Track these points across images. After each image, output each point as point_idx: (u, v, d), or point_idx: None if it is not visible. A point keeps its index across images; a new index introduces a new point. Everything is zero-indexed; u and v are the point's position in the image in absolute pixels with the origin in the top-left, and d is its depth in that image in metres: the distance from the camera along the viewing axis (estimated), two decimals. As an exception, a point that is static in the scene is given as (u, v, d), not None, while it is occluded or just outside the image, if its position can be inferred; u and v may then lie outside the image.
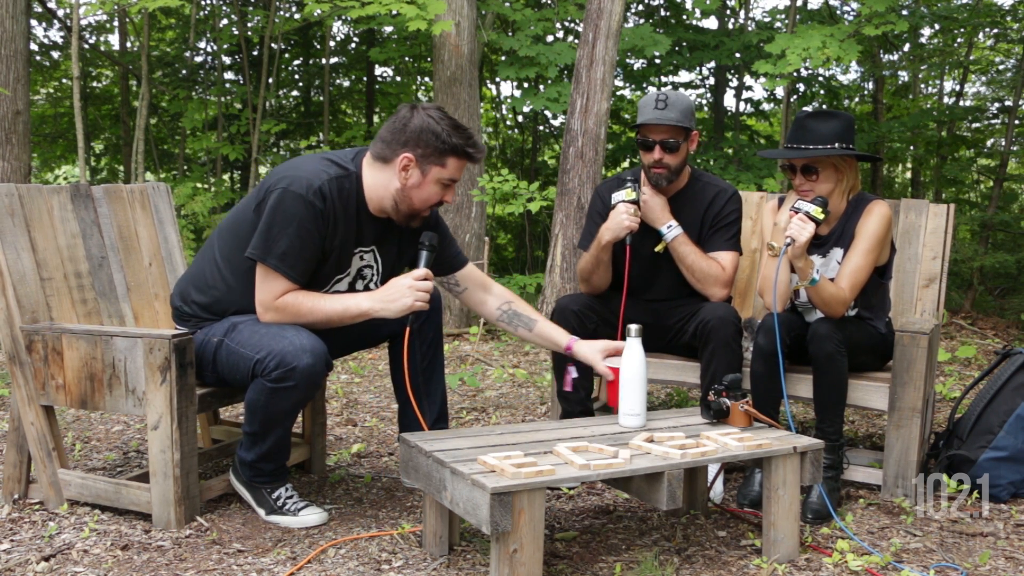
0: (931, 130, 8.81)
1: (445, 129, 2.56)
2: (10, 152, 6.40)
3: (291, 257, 2.55)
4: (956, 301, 7.45)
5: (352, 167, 2.64)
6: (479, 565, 2.43)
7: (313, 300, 2.60)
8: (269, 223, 2.54)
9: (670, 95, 3.10)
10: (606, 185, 3.39)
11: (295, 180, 2.54)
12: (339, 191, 2.58)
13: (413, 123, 2.57)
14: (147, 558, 2.46)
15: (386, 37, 9.62)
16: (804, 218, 2.80)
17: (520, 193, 6.29)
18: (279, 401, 2.55)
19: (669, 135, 3.09)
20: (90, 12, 7.02)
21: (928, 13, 7.75)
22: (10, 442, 2.87)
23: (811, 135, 2.93)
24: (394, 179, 2.60)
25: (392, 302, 2.59)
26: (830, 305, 2.90)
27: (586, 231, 3.35)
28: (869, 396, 2.98)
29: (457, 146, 2.58)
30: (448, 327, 6.38)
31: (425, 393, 2.88)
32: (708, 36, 8.55)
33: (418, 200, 2.63)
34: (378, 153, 2.62)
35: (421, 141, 2.56)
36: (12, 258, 2.74)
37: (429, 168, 2.59)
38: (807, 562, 2.48)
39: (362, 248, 2.73)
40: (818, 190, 2.95)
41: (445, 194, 2.65)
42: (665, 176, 3.14)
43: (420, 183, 2.60)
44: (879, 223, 2.94)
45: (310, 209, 2.52)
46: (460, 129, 2.59)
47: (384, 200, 2.64)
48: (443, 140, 2.56)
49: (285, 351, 2.48)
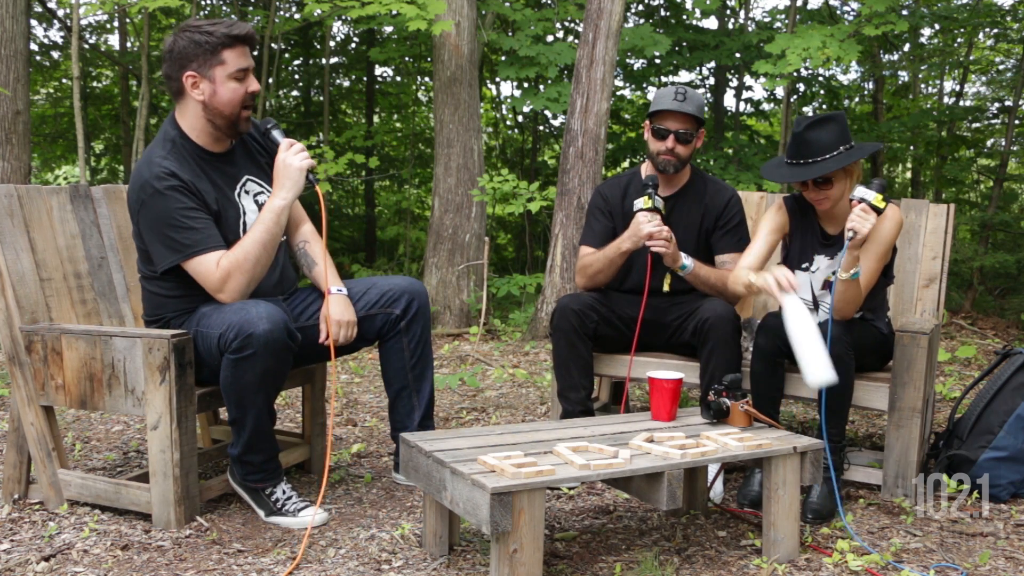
0: (931, 130, 8.80)
1: (203, 32, 2.63)
2: (10, 152, 6.39)
3: (194, 236, 2.61)
4: (956, 301, 7.45)
5: (172, 130, 2.72)
6: (479, 565, 2.43)
7: (241, 244, 2.67)
8: (158, 231, 2.62)
9: (688, 90, 3.17)
10: (607, 184, 3.41)
11: (143, 187, 2.62)
12: (179, 159, 2.66)
13: (176, 46, 2.65)
14: (147, 558, 2.46)
15: (386, 37, 9.62)
16: (867, 208, 2.73)
17: (520, 193, 6.29)
18: (243, 373, 2.55)
19: (685, 125, 3.15)
20: (90, 12, 7.02)
21: (928, 13, 7.75)
22: (10, 442, 2.87)
23: (814, 147, 2.85)
24: (195, 103, 2.68)
25: (287, 178, 2.69)
26: (849, 305, 2.86)
27: (587, 229, 3.37)
28: (869, 396, 2.98)
29: (222, 37, 2.63)
30: (448, 327, 6.38)
31: (415, 390, 2.90)
32: (708, 36, 8.55)
33: (224, 105, 2.68)
34: (172, 91, 2.71)
35: (190, 54, 2.63)
36: (11, 259, 2.74)
37: (212, 71, 2.64)
38: (807, 562, 2.48)
39: (237, 187, 2.80)
40: (832, 196, 2.91)
41: (247, 85, 2.70)
42: (673, 164, 3.19)
43: (215, 90, 2.66)
44: (894, 229, 2.91)
45: (170, 193, 2.60)
46: (217, 22, 2.66)
47: (205, 127, 2.72)
48: (207, 42, 2.62)
49: (243, 320, 2.52)
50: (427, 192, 10.64)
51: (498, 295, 6.70)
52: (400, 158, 10.81)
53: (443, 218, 6.57)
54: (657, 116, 3.18)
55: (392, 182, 11.09)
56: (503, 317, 6.84)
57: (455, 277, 6.52)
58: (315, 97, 10.55)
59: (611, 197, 3.35)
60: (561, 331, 3.12)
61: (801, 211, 3.07)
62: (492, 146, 11.38)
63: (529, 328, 5.97)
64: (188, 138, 2.72)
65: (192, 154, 2.71)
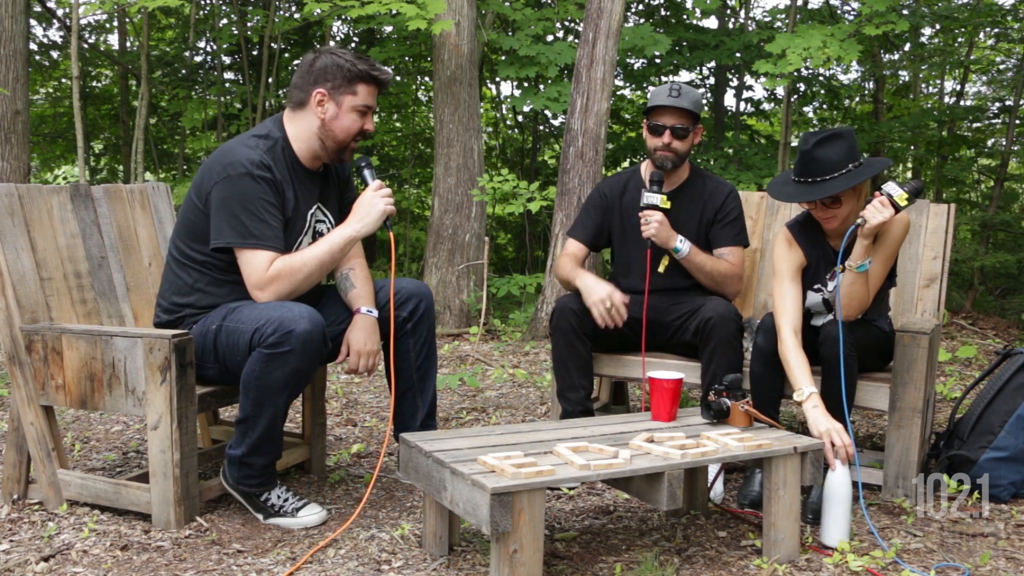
0: (932, 130, 8.80)
1: (349, 60, 2.71)
2: (9, 152, 6.40)
3: (263, 229, 2.63)
4: (957, 301, 7.44)
5: (277, 132, 2.76)
6: (479, 566, 2.43)
7: (301, 254, 2.69)
8: (230, 209, 2.63)
9: (683, 87, 3.20)
10: (607, 182, 3.43)
11: (233, 164, 2.63)
12: (274, 159, 2.70)
13: (318, 63, 2.72)
14: (147, 558, 2.46)
15: (386, 37, 9.61)
16: (885, 202, 2.70)
17: (520, 193, 6.29)
18: (274, 370, 2.54)
19: (680, 121, 3.18)
20: (89, 12, 7.02)
21: (929, 13, 7.75)
22: (10, 442, 2.87)
23: (823, 164, 2.77)
24: (314, 118, 2.73)
25: (367, 215, 2.73)
26: (855, 303, 2.84)
27: (579, 222, 3.41)
28: (870, 396, 2.98)
29: (363, 72, 2.71)
30: (448, 327, 6.37)
31: (419, 390, 2.90)
32: (708, 36, 8.55)
33: (340, 131, 2.74)
34: (295, 100, 2.76)
35: (329, 75, 2.71)
36: (12, 258, 2.73)
37: (342, 98, 2.71)
38: (807, 562, 2.48)
39: (310, 206, 2.82)
40: (840, 214, 2.86)
41: (364, 122, 2.76)
42: (671, 159, 3.22)
43: (337, 114, 2.73)
44: (901, 232, 2.88)
45: (260, 183, 2.63)
46: (363, 58, 2.74)
47: (312, 143, 2.76)
48: (348, 70, 2.70)
49: (283, 317, 2.52)
50: (427, 192, 10.64)
51: (498, 295, 6.70)
52: (400, 158, 10.81)
53: (443, 218, 6.57)
54: (653, 113, 3.22)
55: (392, 182, 11.08)
56: (503, 317, 6.84)
57: (455, 277, 6.52)
58: (315, 97, 10.54)
59: (610, 195, 3.37)
60: (561, 331, 3.12)
61: (806, 234, 3.02)
62: (492, 146, 11.37)
63: (529, 328, 5.97)
64: (290, 145, 2.76)
65: (288, 160, 2.75)
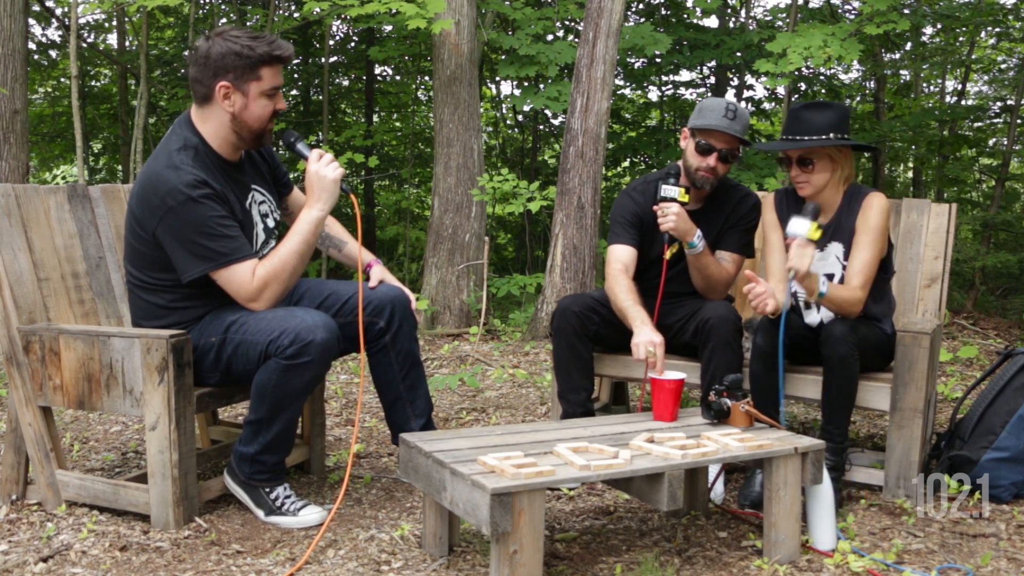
0: (933, 129, 8.79)
1: (245, 44, 2.59)
2: (8, 152, 6.38)
3: (229, 244, 2.58)
4: (958, 301, 7.43)
5: (193, 137, 2.66)
6: (479, 566, 2.42)
7: (278, 253, 2.65)
8: (188, 240, 2.56)
9: (739, 108, 3.10)
10: (635, 187, 3.30)
11: (170, 193, 2.54)
12: (204, 168, 2.61)
13: (214, 52, 2.60)
14: (145, 559, 2.45)
15: (385, 36, 9.60)
16: (803, 243, 2.77)
17: (520, 193, 6.27)
18: (292, 379, 2.54)
19: (731, 145, 3.09)
20: (88, 11, 7.01)
21: (930, 12, 7.74)
22: (8, 443, 2.86)
23: (806, 126, 2.93)
24: (223, 112, 2.64)
25: (323, 191, 2.66)
26: (844, 308, 2.90)
27: (619, 229, 3.25)
28: (871, 396, 2.97)
29: (264, 55, 2.60)
30: (448, 327, 6.37)
31: (408, 400, 2.88)
32: (709, 35, 8.54)
33: (253, 120, 2.66)
34: (199, 95, 2.66)
35: (228, 64, 2.59)
36: (9, 258, 2.72)
37: (247, 86, 2.62)
38: (808, 563, 2.47)
39: (248, 197, 2.77)
40: (814, 181, 2.97)
41: (275, 103, 2.68)
42: (710, 181, 3.13)
43: (246, 104, 2.64)
44: (880, 216, 2.94)
45: (203, 202, 2.55)
46: (259, 38, 2.62)
47: (229, 137, 2.68)
48: (248, 56, 2.59)
49: (300, 327, 2.50)
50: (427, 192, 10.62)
51: (498, 295, 6.69)
52: (400, 157, 10.80)
53: (443, 218, 6.56)
54: (703, 131, 3.09)
55: (392, 181, 11.07)
56: (503, 317, 6.83)
57: (455, 277, 6.50)
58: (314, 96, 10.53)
59: (643, 202, 3.23)
60: (562, 333, 3.10)
61: (788, 204, 3.11)
62: (492, 145, 11.36)
63: (529, 328, 5.96)
64: (209, 145, 2.67)
65: (215, 163, 2.67)
